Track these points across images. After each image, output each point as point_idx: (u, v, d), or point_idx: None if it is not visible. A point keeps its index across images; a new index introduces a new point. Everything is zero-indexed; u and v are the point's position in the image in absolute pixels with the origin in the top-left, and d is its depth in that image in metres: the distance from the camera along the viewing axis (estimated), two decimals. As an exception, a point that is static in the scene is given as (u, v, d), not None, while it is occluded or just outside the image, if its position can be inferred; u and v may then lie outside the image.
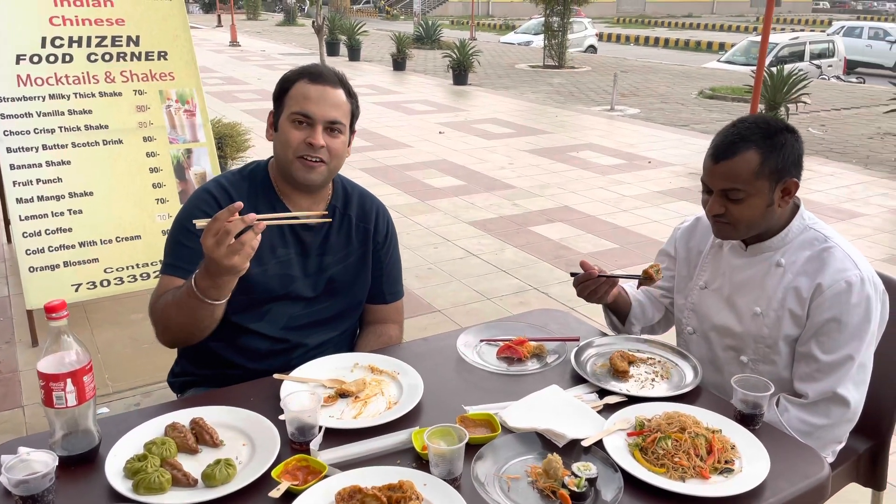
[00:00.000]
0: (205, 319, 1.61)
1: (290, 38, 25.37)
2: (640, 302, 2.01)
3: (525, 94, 12.95)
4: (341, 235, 1.88)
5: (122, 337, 3.74)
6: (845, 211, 6.03)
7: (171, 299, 1.65)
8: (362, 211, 1.94)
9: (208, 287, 1.53)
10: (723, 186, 1.67)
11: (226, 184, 1.81)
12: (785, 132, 1.67)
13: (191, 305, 1.57)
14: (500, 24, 37.11)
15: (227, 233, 1.43)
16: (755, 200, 1.66)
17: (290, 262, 1.82)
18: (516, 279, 4.53)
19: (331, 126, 1.75)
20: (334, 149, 1.76)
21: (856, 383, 1.67)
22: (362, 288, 1.94)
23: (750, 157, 1.64)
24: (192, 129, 4.25)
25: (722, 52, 21.46)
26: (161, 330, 1.72)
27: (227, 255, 1.44)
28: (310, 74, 1.77)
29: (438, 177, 6.99)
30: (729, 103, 12.13)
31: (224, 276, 1.51)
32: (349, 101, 1.80)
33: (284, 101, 1.77)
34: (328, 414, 1.55)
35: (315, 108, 1.73)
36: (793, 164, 1.67)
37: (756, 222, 1.69)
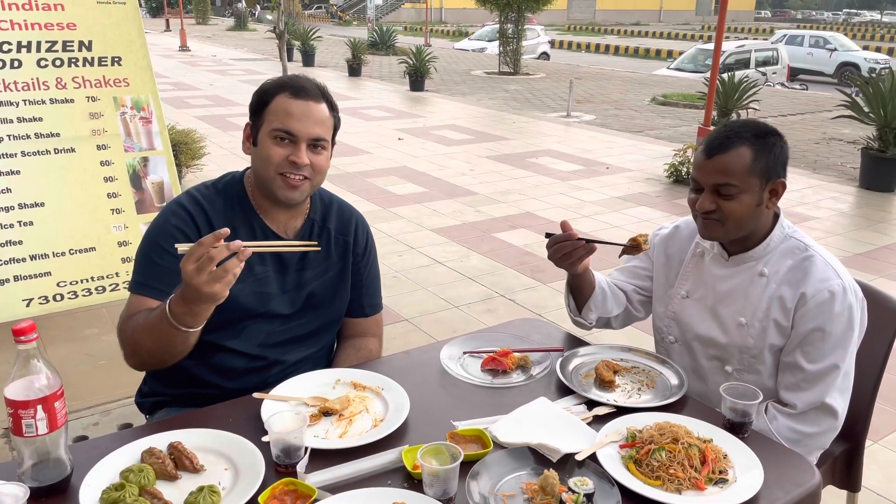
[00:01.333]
0: (177, 346, 1.53)
1: (241, 43, 25.01)
2: (603, 290, 1.96)
3: (482, 100, 13.00)
4: (321, 249, 1.83)
5: (78, 353, 3.59)
6: (797, 215, 6.20)
7: (142, 322, 1.57)
8: (341, 223, 1.88)
9: (183, 314, 1.45)
10: (716, 181, 1.67)
11: (199, 198, 1.74)
12: (775, 135, 1.70)
13: (163, 331, 1.49)
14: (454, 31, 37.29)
15: (211, 259, 1.36)
16: (746, 197, 1.66)
17: (268, 280, 1.76)
18: (482, 286, 4.52)
19: (314, 143, 1.70)
20: (318, 165, 1.71)
21: (841, 391, 1.69)
22: (342, 302, 1.89)
23: (743, 152, 1.65)
24: (149, 136, 4.11)
25: (671, 59, 21.98)
26: (130, 353, 1.64)
27: (207, 282, 1.37)
28: (291, 88, 1.69)
29: (399, 184, 6.94)
30: (681, 109, 12.40)
31: (202, 304, 1.44)
32: (332, 114, 1.75)
33: (264, 116, 1.70)
34: (312, 434, 1.49)
35: (298, 126, 1.66)
36: (781, 166, 1.70)
37: (745, 221, 1.70)
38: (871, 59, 19.79)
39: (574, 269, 1.83)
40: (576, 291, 1.96)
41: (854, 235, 5.71)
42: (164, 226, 1.68)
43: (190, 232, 1.68)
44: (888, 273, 4.86)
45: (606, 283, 2.00)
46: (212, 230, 1.59)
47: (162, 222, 1.70)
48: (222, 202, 1.74)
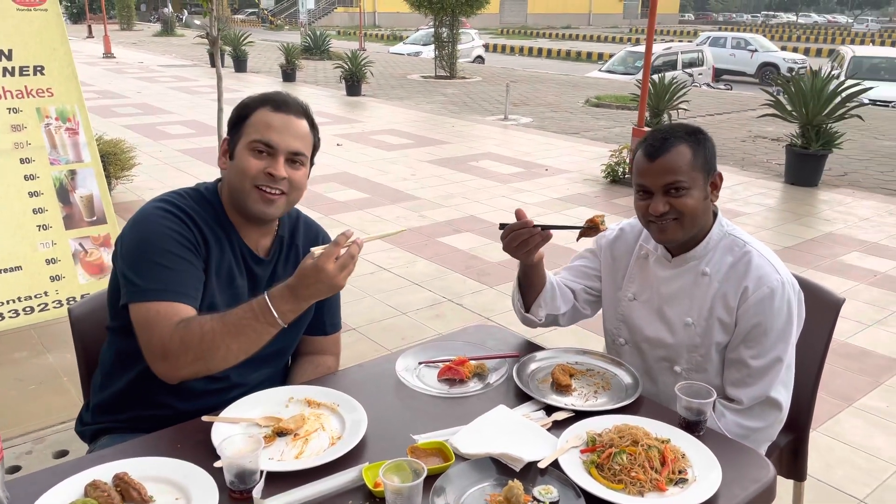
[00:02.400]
0: (263, 343, 1.55)
1: (169, 49, 24.33)
2: (553, 287, 1.94)
3: (420, 104, 13.00)
4: (289, 267, 1.77)
5: (6, 378, 3.39)
6: (729, 211, 6.41)
7: (219, 327, 1.50)
8: (307, 239, 1.84)
9: (290, 311, 1.51)
10: (665, 181, 1.69)
11: (182, 205, 1.64)
12: (701, 132, 1.75)
13: (259, 330, 1.51)
14: (388, 35, 37.21)
15: (352, 257, 1.49)
16: (695, 192, 1.70)
17: (242, 296, 1.70)
18: (430, 291, 4.50)
19: (293, 157, 1.65)
20: (295, 181, 1.66)
21: (784, 384, 1.75)
22: (305, 320, 1.83)
23: (683, 149, 1.69)
24: (76, 148, 3.94)
25: (602, 62, 22.47)
26: (192, 359, 1.51)
27: (345, 276, 1.50)
28: (273, 102, 1.65)
29: (341, 190, 6.86)
30: (614, 111, 12.68)
31: (316, 299, 1.53)
32: (312, 132, 1.71)
33: (243, 129, 1.64)
34: (267, 456, 1.44)
35: (278, 138, 1.62)
36: (713, 160, 1.76)
37: (698, 216, 1.73)
38: (789, 59, 20.69)
39: (530, 258, 1.81)
40: (527, 287, 1.92)
41: (782, 229, 5.94)
42: (164, 232, 1.58)
43: (190, 235, 1.61)
44: (816, 265, 5.07)
45: (555, 282, 2.00)
46: (204, 238, 1.63)
47: (159, 229, 1.59)
48: (203, 213, 1.67)
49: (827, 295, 2.03)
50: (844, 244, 5.55)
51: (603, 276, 2.01)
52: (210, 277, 1.64)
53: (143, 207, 1.65)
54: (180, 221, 1.61)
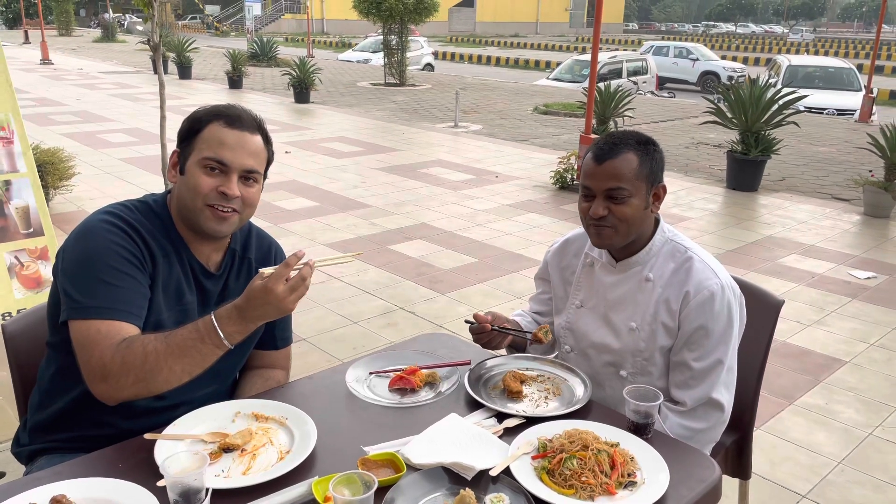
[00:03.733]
0: (207, 365, 1.52)
1: (110, 56, 23.72)
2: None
3: (370, 111, 12.95)
4: (240, 281, 1.73)
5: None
6: (673, 215, 6.56)
7: (163, 349, 1.45)
8: (260, 253, 1.80)
9: (236, 332, 1.49)
10: (608, 186, 1.72)
11: (128, 218, 1.58)
12: (652, 143, 1.78)
13: (204, 352, 1.48)
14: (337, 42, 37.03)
15: (303, 279, 1.48)
16: (635, 201, 1.73)
17: (192, 311, 1.66)
18: (381, 300, 4.47)
19: (246, 174, 1.61)
20: (248, 198, 1.62)
21: (726, 385, 1.79)
22: (256, 336, 1.79)
23: (630, 157, 1.72)
24: (10, 158, 3.79)
25: (549, 70, 22.81)
26: (132, 380, 1.46)
27: (294, 300, 1.48)
28: (226, 117, 1.60)
29: (290, 198, 6.78)
30: (562, 118, 12.86)
31: (264, 321, 1.52)
32: (266, 147, 1.67)
33: (195, 143, 1.59)
34: (213, 473, 1.40)
35: (231, 156, 1.57)
36: (660, 171, 1.79)
37: (635, 225, 1.76)
38: (728, 67, 21.33)
39: (500, 349, 1.98)
40: (514, 347, 2.07)
41: (725, 233, 6.11)
42: (108, 247, 1.52)
43: (136, 250, 1.55)
44: (758, 267, 5.22)
45: (531, 323, 2.10)
46: (150, 252, 1.58)
47: (103, 243, 1.53)
48: (151, 226, 1.61)
49: (767, 297, 2.09)
50: (784, 247, 5.73)
51: (554, 289, 2.04)
52: (157, 293, 1.59)
53: (87, 219, 1.59)
54: (126, 235, 1.55)
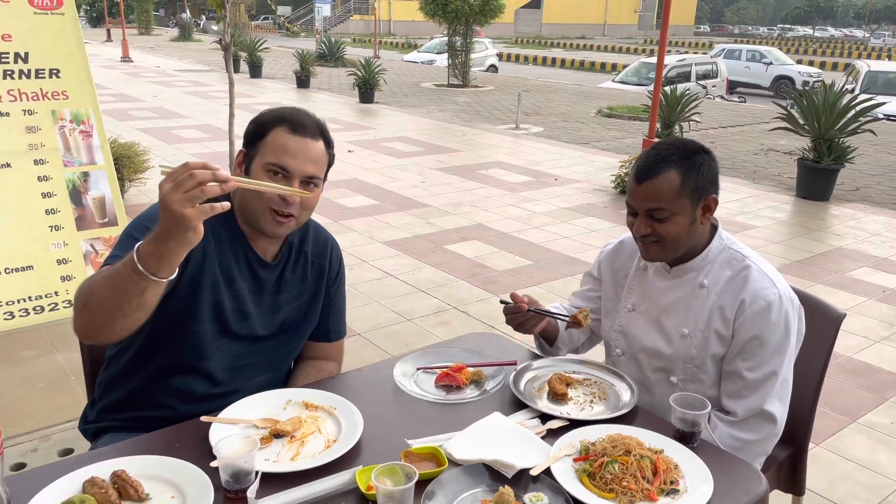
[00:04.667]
0: (132, 298, 1.35)
1: (186, 54, 24.57)
2: None
3: (432, 112, 13.05)
4: (297, 272, 1.80)
5: (15, 376, 3.44)
6: (738, 224, 6.39)
7: (104, 271, 1.43)
8: (317, 247, 1.85)
9: (150, 254, 1.30)
10: (648, 206, 1.71)
11: None
12: (701, 153, 1.74)
13: (123, 277, 1.33)
14: (403, 43, 37.39)
15: (192, 177, 1.24)
16: (679, 218, 1.71)
17: (244, 298, 1.72)
18: (435, 299, 4.51)
19: (307, 180, 1.66)
20: (307, 203, 1.67)
21: (780, 398, 1.74)
22: (310, 326, 1.86)
23: (671, 176, 1.69)
24: (89, 150, 4.00)
25: (615, 72, 22.48)
26: (80, 308, 1.43)
27: (181, 200, 1.23)
28: (290, 123, 1.65)
29: (350, 196, 6.90)
30: (626, 122, 12.67)
31: (172, 239, 1.28)
32: (327, 152, 1.71)
33: (260, 147, 1.65)
34: (263, 457, 1.46)
35: (293, 163, 1.62)
36: (710, 183, 1.75)
37: (681, 241, 1.74)
38: (804, 72, 20.61)
39: (531, 333, 1.94)
40: (544, 336, 2.05)
41: (792, 243, 5.91)
42: (151, 214, 1.59)
43: None
44: (825, 280, 5.04)
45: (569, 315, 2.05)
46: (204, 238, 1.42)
47: (151, 211, 1.61)
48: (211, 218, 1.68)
49: (827, 309, 2.03)
50: (854, 259, 5.51)
51: (604, 290, 2.03)
52: (207, 270, 1.64)
53: None
54: None
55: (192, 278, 1.64)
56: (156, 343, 1.67)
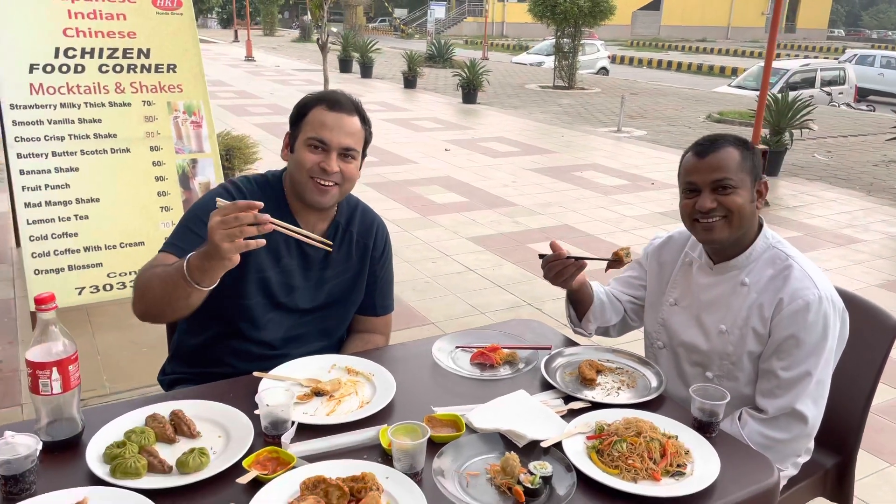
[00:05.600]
0: (180, 300, 1.61)
1: (304, 55, 25.70)
2: (602, 301, 2.05)
3: (533, 113, 13.07)
4: (342, 251, 1.96)
5: (123, 340, 3.82)
6: (844, 236, 6.06)
7: (159, 270, 1.69)
8: (363, 227, 2.01)
9: (197, 268, 1.55)
10: (714, 178, 1.74)
11: (242, 188, 1.88)
12: (749, 143, 1.80)
13: (173, 280, 1.59)
14: (514, 45, 37.42)
15: (236, 218, 1.47)
16: (743, 192, 1.74)
17: (293, 273, 1.90)
18: (511, 294, 4.59)
19: (345, 152, 1.82)
20: (347, 173, 1.84)
21: (814, 399, 1.72)
22: (356, 301, 2.02)
23: (732, 151, 1.75)
24: (198, 139, 4.36)
25: (734, 76, 21.56)
26: (138, 297, 1.73)
27: (223, 236, 1.47)
28: (327, 101, 1.83)
29: (441, 193, 7.08)
30: (736, 127, 12.18)
31: (213, 261, 1.52)
32: (363, 128, 1.88)
33: (301, 125, 1.84)
34: (302, 411, 1.62)
35: (330, 135, 1.80)
36: (760, 169, 1.79)
37: (745, 217, 1.75)
38: (948, 81, 19.00)
39: (568, 285, 1.95)
40: (576, 303, 2.07)
41: (902, 259, 5.55)
42: (208, 203, 1.80)
43: None
44: (933, 298, 4.71)
45: (605, 294, 2.09)
46: None
47: (207, 200, 1.84)
48: (262, 197, 1.87)
49: (883, 316, 1.97)
50: (971, 279, 5.11)
51: (648, 280, 2.06)
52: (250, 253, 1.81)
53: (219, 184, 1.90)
54: (230, 196, 1.82)
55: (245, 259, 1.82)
56: (214, 314, 1.86)
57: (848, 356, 1.95)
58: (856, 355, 1.96)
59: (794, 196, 7.52)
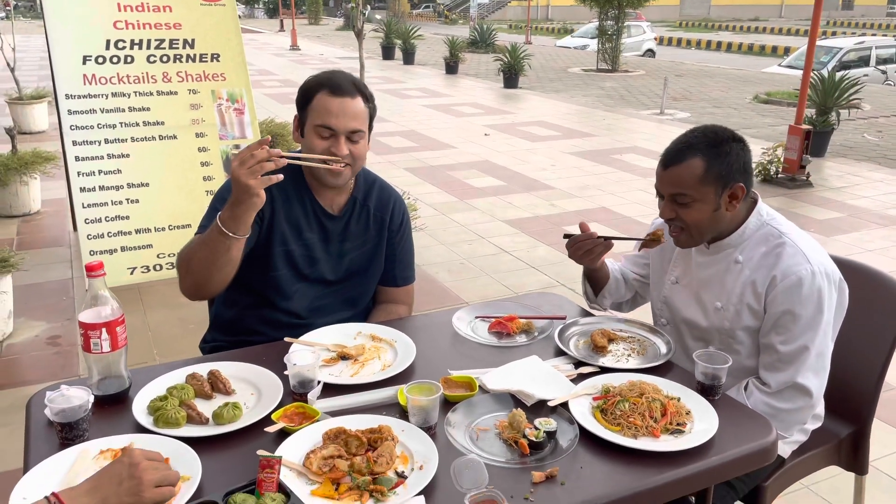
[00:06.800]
0: (221, 255, 1.75)
1: (348, 43, 25.92)
2: (617, 279, 2.14)
3: (575, 97, 13.00)
4: (360, 224, 2.07)
5: (172, 318, 4.03)
6: (889, 217, 5.93)
7: (195, 239, 1.85)
8: (380, 202, 2.12)
9: (229, 218, 1.71)
10: (671, 191, 1.80)
11: None
12: (731, 141, 1.77)
13: (212, 240, 1.75)
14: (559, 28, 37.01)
15: (253, 156, 1.65)
16: (701, 205, 1.77)
17: (314, 246, 2.02)
18: (545, 276, 4.66)
19: (352, 134, 1.92)
20: (357, 153, 1.94)
21: (815, 371, 1.77)
22: (376, 272, 2.13)
23: (695, 164, 1.75)
24: (241, 126, 4.54)
25: (786, 56, 20.95)
26: (184, 271, 1.86)
27: (245, 173, 1.64)
28: (329, 87, 1.91)
29: (479, 177, 7.16)
30: (784, 108, 11.92)
31: (243, 204, 1.68)
32: (367, 106, 1.97)
33: (308, 111, 1.94)
34: (328, 372, 1.74)
35: (336, 122, 1.89)
36: (738, 171, 1.77)
37: (704, 227, 1.81)
38: None
39: (595, 263, 2.04)
40: (593, 281, 2.17)
41: (951, 240, 5.41)
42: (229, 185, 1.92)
43: None
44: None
45: (619, 271, 2.19)
46: (270, 195, 1.89)
47: (228, 186, 1.98)
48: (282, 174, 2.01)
49: (897, 287, 1.99)
50: None
51: (652, 259, 2.13)
52: (280, 226, 1.97)
53: None
54: None
55: (265, 233, 1.98)
56: (246, 287, 2.00)
57: (864, 327, 1.98)
58: (872, 326, 2.00)
59: (839, 177, 7.36)
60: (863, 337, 1.99)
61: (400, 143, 8.65)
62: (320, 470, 1.35)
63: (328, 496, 1.31)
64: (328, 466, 1.36)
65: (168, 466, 1.27)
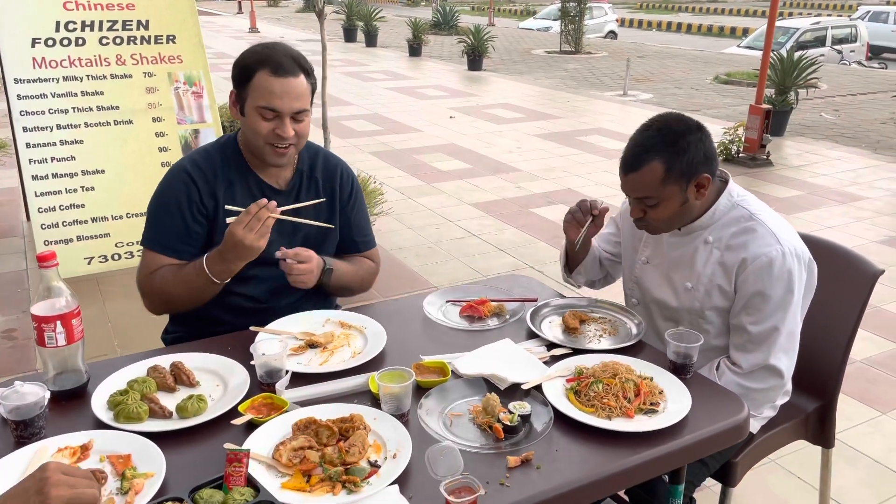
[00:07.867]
0: (209, 295, 1.86)
1: (308, 25, 25.48)
2: (594, 257, 2.15)
3: (539, 79, 12.98)
4: (310, 196, 2.01)
5: (132, 308, 3.88)
6: (847, 194, 6.05)
7: (171, 278, 1.84)
8: (327, 171, 2.07)
9: (222, 271, 1.79)
10: (634, 196, 1.80)
11: (199, 160, 1.94)
12: (688, 134, 1.73)
13: (199, 286, 1.82)
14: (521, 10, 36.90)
15: (259, 220, 1.71)
16: (668, 203, 1.76)
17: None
18: (513, 258, 4.66)
19: (296, 114, 1.86)
20: (301, 132, 1.89)
21: (785, 351, 1.78)
22: (332, 243, 2.08)
23: (654, 167, 1.72)
24: (200, 110, 4.42)
25: (745, 37, 21.22)
26: (159, 302, 1.94)
27: (254, 238, 1.71)
28: (271, 65, 1.82)
29: (445, 160, 7.11)
30: (744, 88, 12.07)
31: (242, 261, 1.77)
32: (309, 82, 1.89)
33: (248, 90, 1.85)
34: (297, 361, 1.70)
35: (280, 103, 1.82)
36: (700, 163, 1.74)
37: (674, 220, 1.82)
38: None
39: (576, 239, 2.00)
40: (572, 256, 2.15)
41: (905, 216, 5.55)
42: (167, 191, 1.92)
43: (191, 192, 1.90)
44: (934, 253, 4.73)
45: (596, 251, 2.16)
46: (210, 188, 1.90)
47: (166, 188, 1.93)
48: (220, 159, 1.94)
49: (864, 265, 2.02)
50: (973, 234, 5.11)
51: (622, 239, 2.12)
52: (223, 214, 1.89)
53: (177, 161, 1.98)
54: (189, 181, 1.89)
55: (213, 226, 1.93)
56: None
57: (829, 304, 2.00)
58: (836, 302, 2.02)
59: (798, 155, 7.49)
60: (829, 313, 2.01)
61: (364, 126, 8.54)
62: (290, 462, 1.32)
63: (299, 489, 1.27)
64: (298, 458, 1.32)
65: (89, 483, 1.10)
